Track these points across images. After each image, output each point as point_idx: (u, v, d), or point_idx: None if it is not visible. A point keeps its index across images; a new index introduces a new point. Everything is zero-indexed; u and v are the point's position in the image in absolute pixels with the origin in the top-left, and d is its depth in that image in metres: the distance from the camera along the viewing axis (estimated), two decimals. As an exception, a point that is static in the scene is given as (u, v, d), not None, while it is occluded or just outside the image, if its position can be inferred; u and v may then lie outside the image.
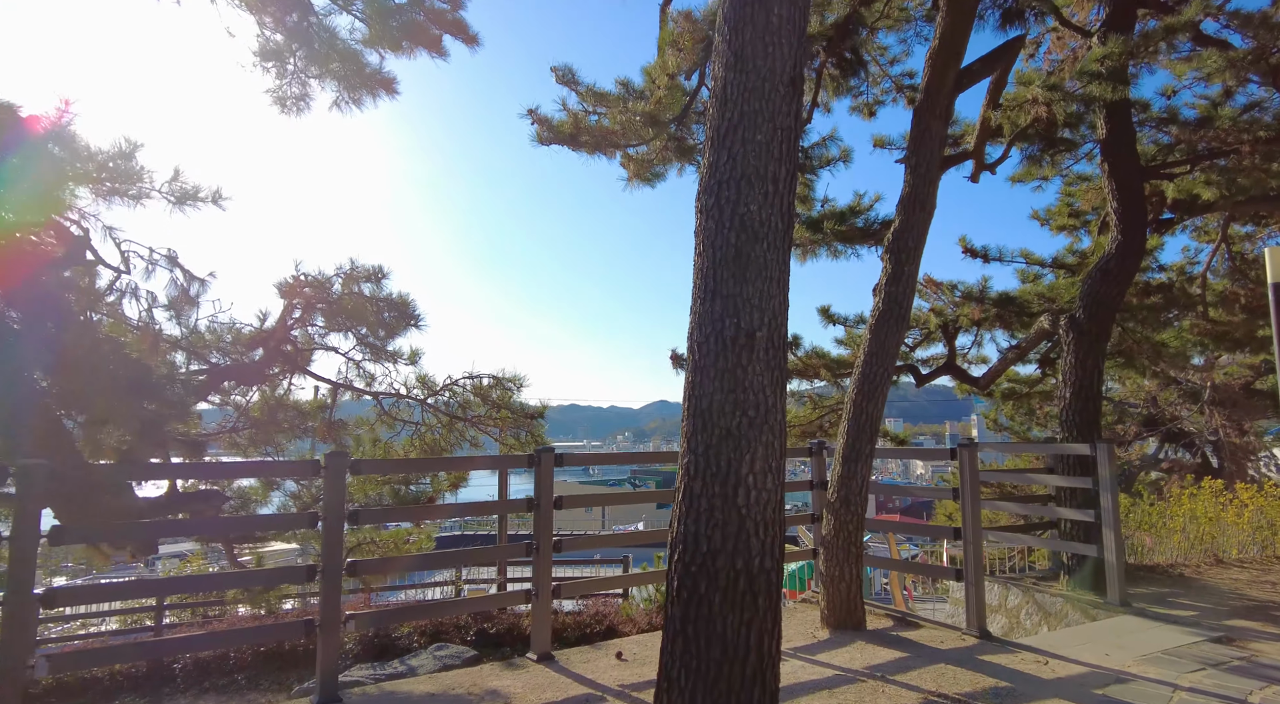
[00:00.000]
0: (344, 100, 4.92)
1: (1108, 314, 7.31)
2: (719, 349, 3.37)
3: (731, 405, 3.34)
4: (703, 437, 3.38)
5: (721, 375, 3.36)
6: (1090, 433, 7.35)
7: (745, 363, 3.34)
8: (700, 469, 3.37)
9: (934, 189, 5.90)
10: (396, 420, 7.34)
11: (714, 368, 3.37)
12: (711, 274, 3.43)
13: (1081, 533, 7.32)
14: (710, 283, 3.43)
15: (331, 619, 4.34)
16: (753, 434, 3.34)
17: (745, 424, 3.33)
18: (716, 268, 3.42)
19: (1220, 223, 12.79)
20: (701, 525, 3.34)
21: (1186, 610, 6.56)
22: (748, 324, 3.36)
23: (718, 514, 3.31)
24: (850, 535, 5.63)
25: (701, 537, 3.33)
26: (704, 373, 3.40)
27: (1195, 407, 16.70)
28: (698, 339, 3.46)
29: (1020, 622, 7.30)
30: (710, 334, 3.41)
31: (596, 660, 5.12)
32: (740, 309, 3.37)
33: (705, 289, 3.46)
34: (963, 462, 5.69)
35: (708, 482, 3.34)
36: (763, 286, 3.39)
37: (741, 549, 3.29)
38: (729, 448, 3.32)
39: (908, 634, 5.65)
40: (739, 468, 3.31)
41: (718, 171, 3.48)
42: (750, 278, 3.38)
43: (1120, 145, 7.24)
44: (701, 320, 3.45)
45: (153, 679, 7.68)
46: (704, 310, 3.44)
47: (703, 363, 3.41)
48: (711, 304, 3.42)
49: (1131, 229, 7.28)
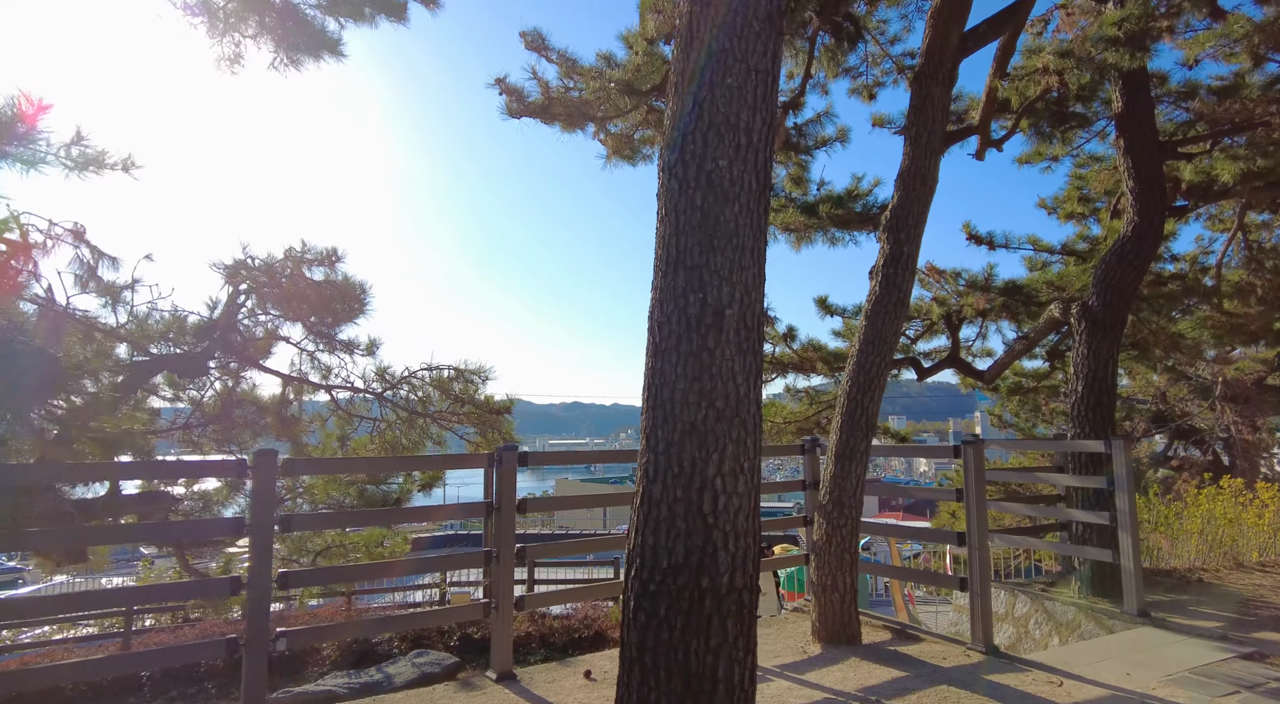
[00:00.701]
0: (282, 61, 4.44)
1: (1123, 302, 6.80)
2: (682, 330, 2.88)
3: (696, 395, 2.84)
4: (663, 432, 2.89)
5: (685, 360, 2.86)
6: (1104, 428, 6.84)
7: (713, 345, 2.84)
8: (660, 470, 2.88)
9: (936, 162, 5.39)
10: (353, 416, 6.85)
11: (676, 352, 2.87)
12: (674, 242, 2.93)
13: (1094, 536, 6.81)
14: (673, 253, 2.93)
15: (258, 637, 3.86)
16: (721, 429, 2.84)
17: (713, 417, 2.84)
18: (680, 235, 2.92)
19: (1236, 210, 12.24)
20: (661, 536, 2.84)
21: (1210, 620, 6.06)
22: (716, 300, 2.86)
23: (680, 523, 2.81)
24: (844, 541, 5.13)
25: (661, 550, 2.84)
26: (665, 358, 2.91)
27: (1206, 403, 16.16)
28: (658, 319, 2.96)
29: (1029, 632, 6.80)
30: (672, 313, 2.91)
31: (563, 680, 4.64)
32: (707, 283, 2.87)
33: (667, 260, 2.96)
34: (967, 460, 5.19)
35: (668, 485, 2.85)
36: (734, 256, 2.89)
37: (708, 565, 2.79)
38: (693, 445, 2.83)
39: (907, 649, 5.15)
40: (705, 469, 2.82)
41: (681, 122, 2.97)
42: (719, 246, 2.88)
43: (1137, 120, 6.71)
44: (663, 297, 2.95)
45: (117, 688, 7.25)
46: (666, 285, 2.95)
47: (664, 346, 2.92)
48: (674, 277, 2.92)
49: (1149, 210, 6.76)
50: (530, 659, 8.12)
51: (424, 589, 14.04)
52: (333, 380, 6.57)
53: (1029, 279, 8.77)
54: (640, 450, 3.01)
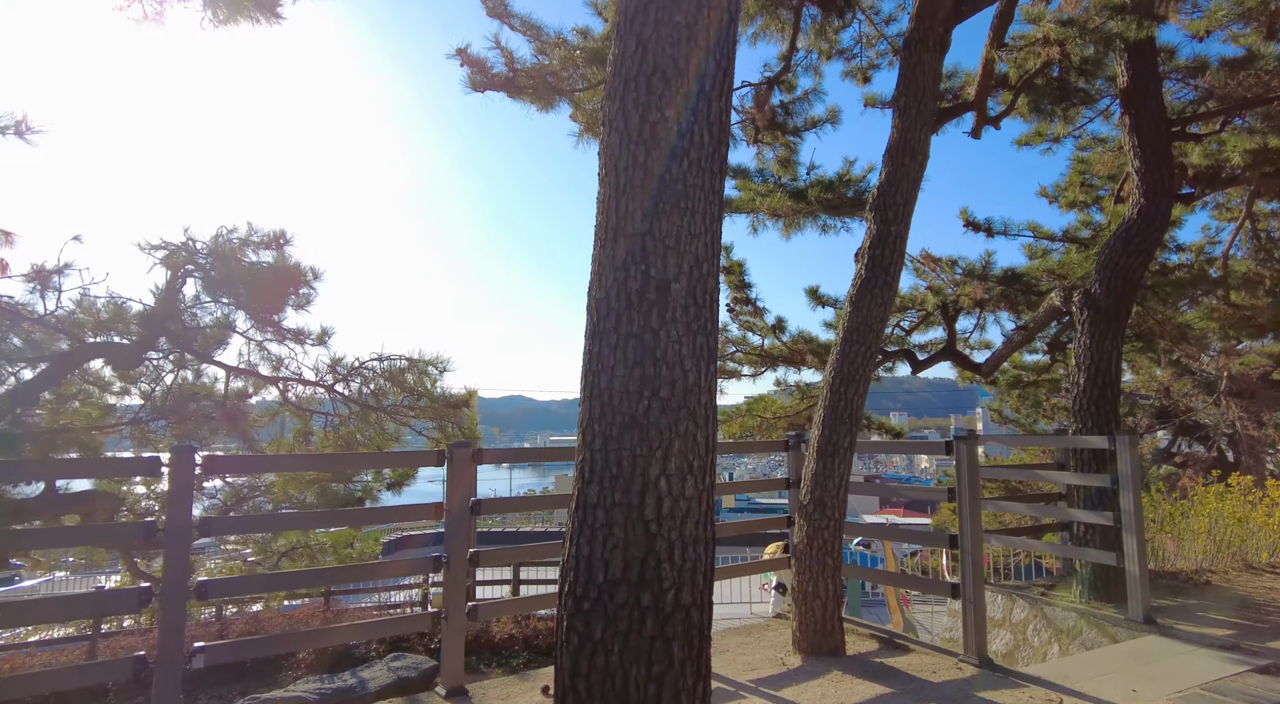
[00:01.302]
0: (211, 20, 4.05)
1: (1128, 289, 6.39)
2: (622, 307, 2.49)
3: (638, 383, 2.45)
4: (600, 426, 2.50)
5: (625, 342, 2.47)
6: (1107, 423, 6.45)
7: (656, 325, 2.45)
8: (596, 471, 2.49)
9: (927, 135, 4.99)
10: (304, 410, 6.45)
11: (615, 333, 2.48)
12: (614, 206, 2.54)
13: (1096, 536, 6.42)
14: (612, 218, 2.54)
15: (172, 653, 3.47)
16: (666, 422, 2.45)
17: (656, 408, 2.44)
18: (620, 197, 2.52)
19: (1244, 199, 11.83)
20: (597, 547, 2.46)
21: (1220, 628, 5.67)
22: (660, 273, 2.46)
23: (618, 531, 2.43)
24: (826, 544, 4.75)
25: (597, 562, 2.45)
26: (603, 340, 2.51)
27: (1210, 398, 15.75)
28: (596, 295, 2.57)
29: (1027, 638, 6.42)
30: (611, 287, 2.52)
31: (518, 697, 4.26)
32: (650, 253, 2.47)
33: (606, 227, 2.57)
34: (960, 457, 4.80)
35: (605, 487, 2.46)
36: (681, 222, 2.50)
37: (649, 579, 2.40)
38: (634, 441, 2.44)
39: (894, 661, 4.77)
40: (647, 468, 2.43)
41: (624, 67, 2.58)
42: (664, 210, 2.49)
43: (1144, 95, 6.30)
44: (601, 269, 2.56)
45: (83, 696, 6.93)
46: (605, 256, 2.55)
47: (601, 326, 2.53)
48: (614, 247, 2.53)
49: (1155, 191, 6.35)
50: (512, 661, 7.76)
51: (405, 590, 13.63)
52: (284, 372, 6.17)
53: (1029, 267, 8.37)
54: (577, 448, 2.62)
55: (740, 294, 9.45)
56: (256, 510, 7.44)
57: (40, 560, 11.74)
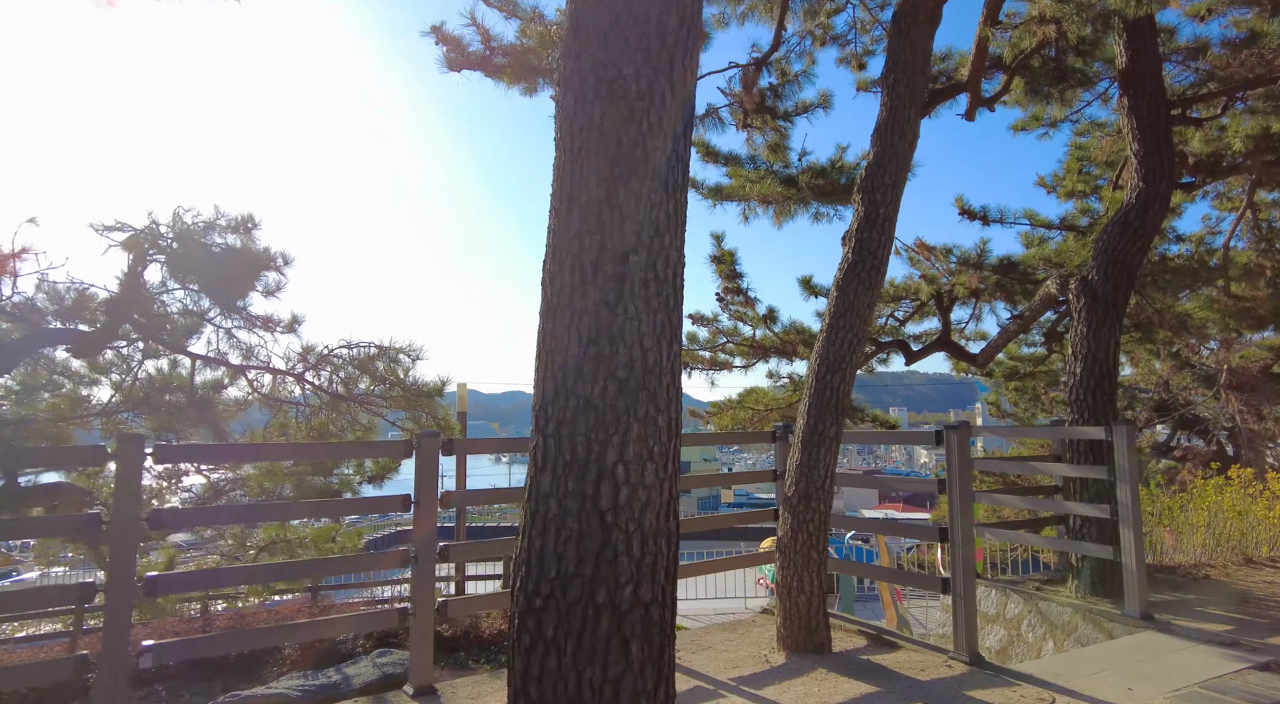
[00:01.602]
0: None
1: (1126, 275, 6.21)
2: (576, 281, 2.30)
3: (593, 363, 2.27)
4: (554, 410, 2.32)
5: (579, 319, 2.29)
6: (1104, 414, 6.27)
7: (613, 300, 2.27)
8: (550, 457, 2.31)
9: (917, 113, 4.80)
10: (274, 400, 6.26)
11: (569, 309, 2.30)
12: (569, 172, 2.36)
13: (1094, 530, 6.25)
14: (567, 185, 2.36)
15: (116, 654, 3.30)
16: (624, 404, 2.27)
17: (613, 390, 2.27)
18: (574, 161, 2.34)
19: (1245, 188, 11.64)
20: (550, 539, 2.28)
21: (1219, 623, 5.50)
22: (618, 244, 2.28)
23: (571, 523, 2.25)
24: (811, 537, 4.57)
25: (549, 555, 2.28)
26: (557, 317, 2.33)
27: (1210, 391, 15.59)
28: (551, 269, 2.39)
29: (1022, 634, 6.26)
30: (566, 260, 2.33)
31: (489, 697, 4.10)
32: (607, 222, 2.29)
33: (561, 195, 2.38)
34: (950, 448, 4.62)
35: (559, 475, 2.28)
36: (641, 188, 2.31)
37: (605, 574, 2.23)
38: (588, 425, 2.26)
39: (881, 658, 4.60)
40: (603, 454, 2.25)
41: (579, 18, 2.39)
42: (622, 176, 2.30)
43: (1143, 76, 6.10)
44: (557, 241, 2.38)
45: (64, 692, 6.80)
46: (560, 226, 2.37)
47: (556, 302, 2.34)
48: (568, 217, 2.34)
49: (1155, 175, 6.16)
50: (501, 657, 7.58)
51: (395, 584, 13.49)
52: (255, 361, 5.98)
53: (1025, 255, 8.18)
54: (531, 433, 2.44)
55: (731, 284, 9.27)
56: (235, 504, 7.26)
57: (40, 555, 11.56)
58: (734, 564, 6.10)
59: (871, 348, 8.81)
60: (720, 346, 9.51)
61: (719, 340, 9.38)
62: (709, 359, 9.68)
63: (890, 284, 9.00)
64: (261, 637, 3.70)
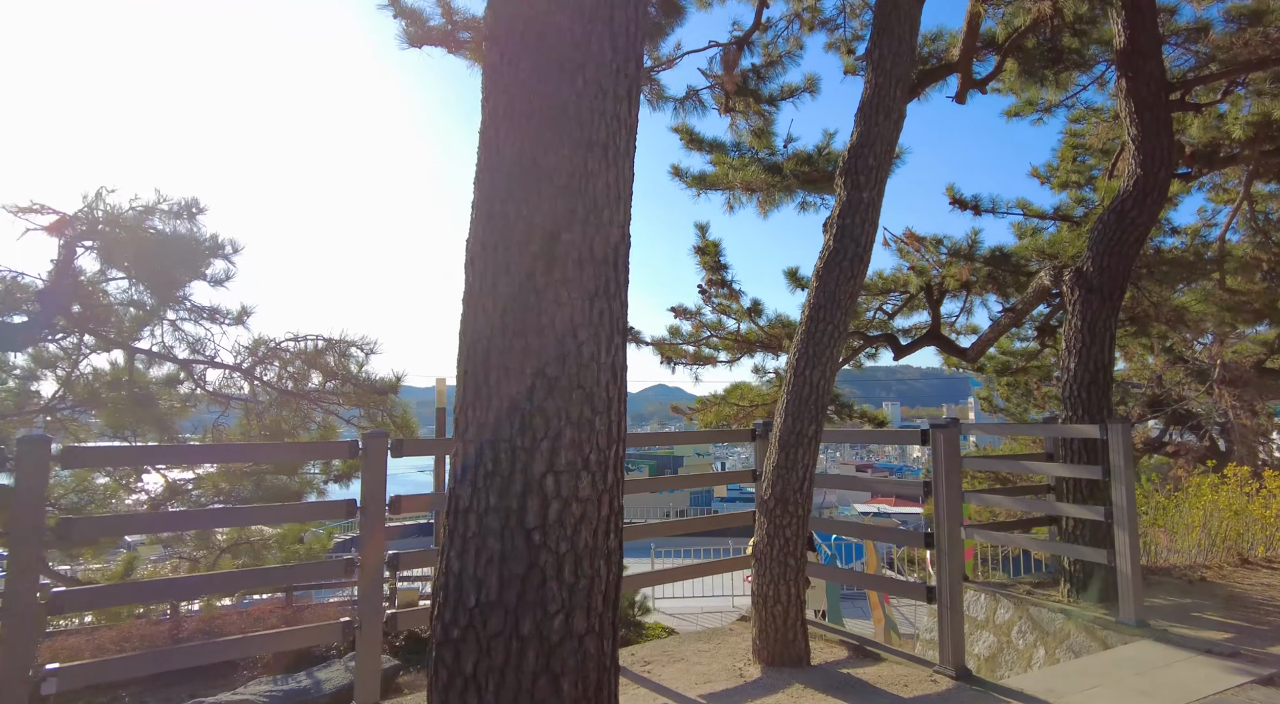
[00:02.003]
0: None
1: (1123, 266, 5.93)
2: (500, 263, 2.00)
3: (519, 358, 1.96)
4: (475, 412, 2.01)
5: (503, 306, 1.98)
6: (1099, 411, 6.00)
7: (541, 285, 1.96)
8: (469, 467, 2.01)
9: (903, 91, 4.49)
10: (222, 396, 5.92)
11: (492, 295, 1.99)
12: (493, 136, 2.04)
13: (1087, 532, 5.99)
14: (490, 152, 2.04)
15: (12, 679, 2.98)
16: (555, 406, 1.96)
17: (542, 390, 1.96)
18: (499, 124, 2.03)
19: (1242, 180, 11.40)
20: (469, 561, 1.98)
21: (1217, 630, 5.25)
22: (546, 219, 1.97)
23: (493, 543, 1.95)
24: (788, 543, 4.29)
25: (468, 580, 1.97)
26: (478, 304, 2.02)
27: (1203, 387, 15.42)
28: (472, 250, 2.08)
29: (1012, 641, 6.00)
30: (488, 238, 2.02)
31: (439, 716, 3.79)
32: (534, 195, 1.98)
33: (485, 165, 2.07)
34: (936, 447, 4.34)
35: (479, 487, 1.98)
36: (575, 155, 2.00)
37: (531, 601, 1.93)
38: (513, 430, 1.95)
39: (862, 672, 4.33)
40: (530, 464, 1.94)
41: (504, -37, 2.07)
42: (553, 141, 1.99)
43: (1142, 56, 5.81)
44: (478, 216, 2.07)
45: None
46: (482, 200, 2.06)
47: (478, 287, 2.03)
48: (490, 189, 2.03)
49: (1153, 161, 5.88)
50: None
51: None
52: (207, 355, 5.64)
53: (1018, 247, 7.90)
54: (452, 439, 2.13)
55: (715, 276, 8.97)
56: (196, 505, 6.94)
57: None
58: (714, 569, 5.82)
59: (859, 342, 8.54)
60: (704, 341, 9.22)
61: (702, 334, 9.09)
62: (693, 354, 9.39)
63: (878, 276, 8.73)
64: (183, 656, 3.37)
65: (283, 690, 7.61)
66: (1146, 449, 16.24)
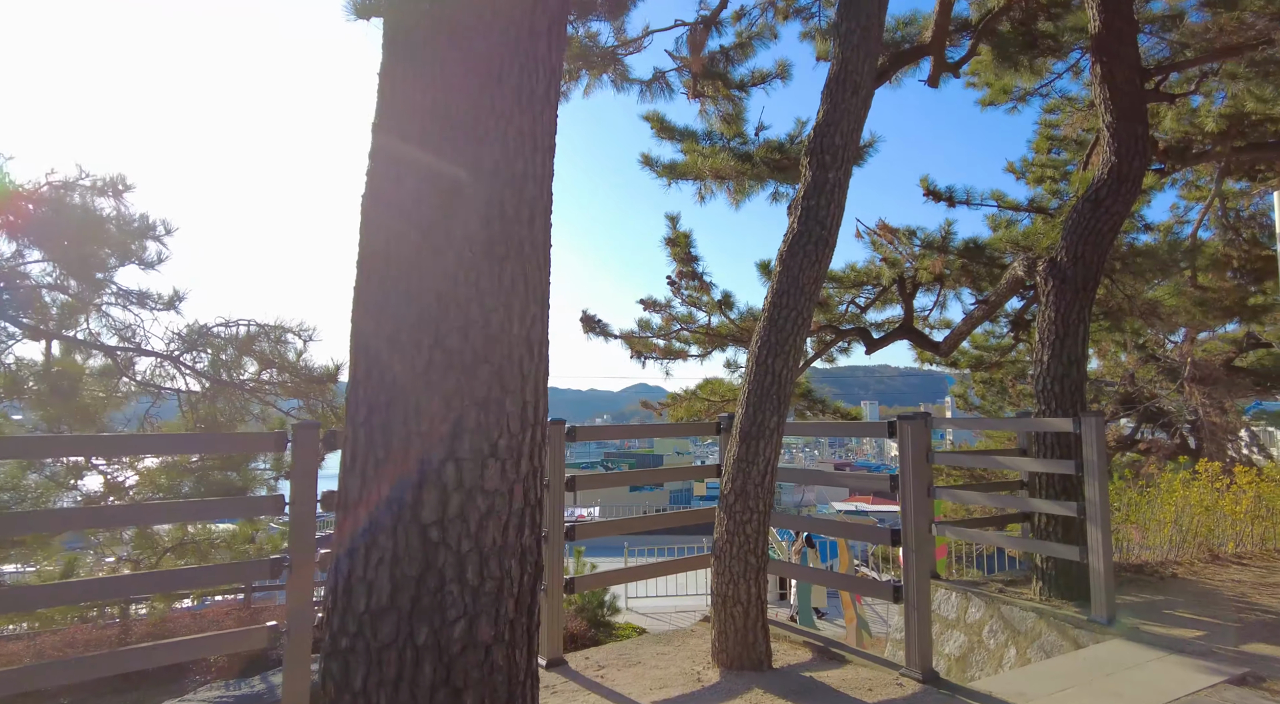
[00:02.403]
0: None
1: (1097, 256, 5.80)
2: (395, 220, 1.74)
3: (414, 328, 1.71)
4: (365, 391, 1.76)
5: (399, 269, 1.73)
6: (1073, 405, 5.87)
7: (441, 244, 1.71)
8: (359, 454, 1.75)
9: (872, 67, 4.29)
10: (153, 387, 5.58)
11: (385, 255, 1.74)
12: (389, 75, 1.79)
13: (1060, 528, 5.85)
14: (387, 93, 1.79)
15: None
16: (455, 383, 1.72)
17: (440, 364, 1.71)
18: (396, 61, 1.77)
19: (1213, 177, 11.43)
20: (358, 562, 1.73)
21: (1189, 628, 5.13)
22: (446, 168, 1.72)
23: (383, 541, 1.70)
24: (749, 540, 4.07)
25: (357, 583, 1.72)
26: (371, 267, 1.77)
27: (1174, 385, 15.51)
28: (366, 206, 1.82)
29: (983, 640, 5.85)
30: (381, 191, 1.77)
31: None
32: (435, 139, 1.73)
33: (382, 108, 1.82)
34: (904, 441, 4.15)
35: (368, 478, 1.73)
36: (480, 97, 1.76)
37: (429, 607, 1.68)
38: (407, 410, 1.70)
39: (826, 675, 4.13)
40: (428, 450, 1.70)
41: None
42: (456, 80, 1.74)
43: (1118, 40, 5.69)
44: (374, 170, 1.81)
45: None
46: (377, 149, 1.81)
47: (370, 248, 1.78)
48: (386, 135, 1.78)
49: (1128, 148, 5.75)
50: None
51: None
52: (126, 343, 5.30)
53: (992, 239, 7.77)
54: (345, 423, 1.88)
55: (686, 268, 8.75)
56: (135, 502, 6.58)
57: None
58: (676, 567, 5.61)
59: (831, 336, 8.37)
60: (675, 334, 9.00)
61: (673, 327, 8.87)
62: (663, 348, 9.17)
63: (851, 269, 8.57)
64: (88, 667, 3.06)
65: (234, 696, 7.28)
66: (1119, 447, 16.33)
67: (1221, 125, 7.32)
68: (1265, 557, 7.96)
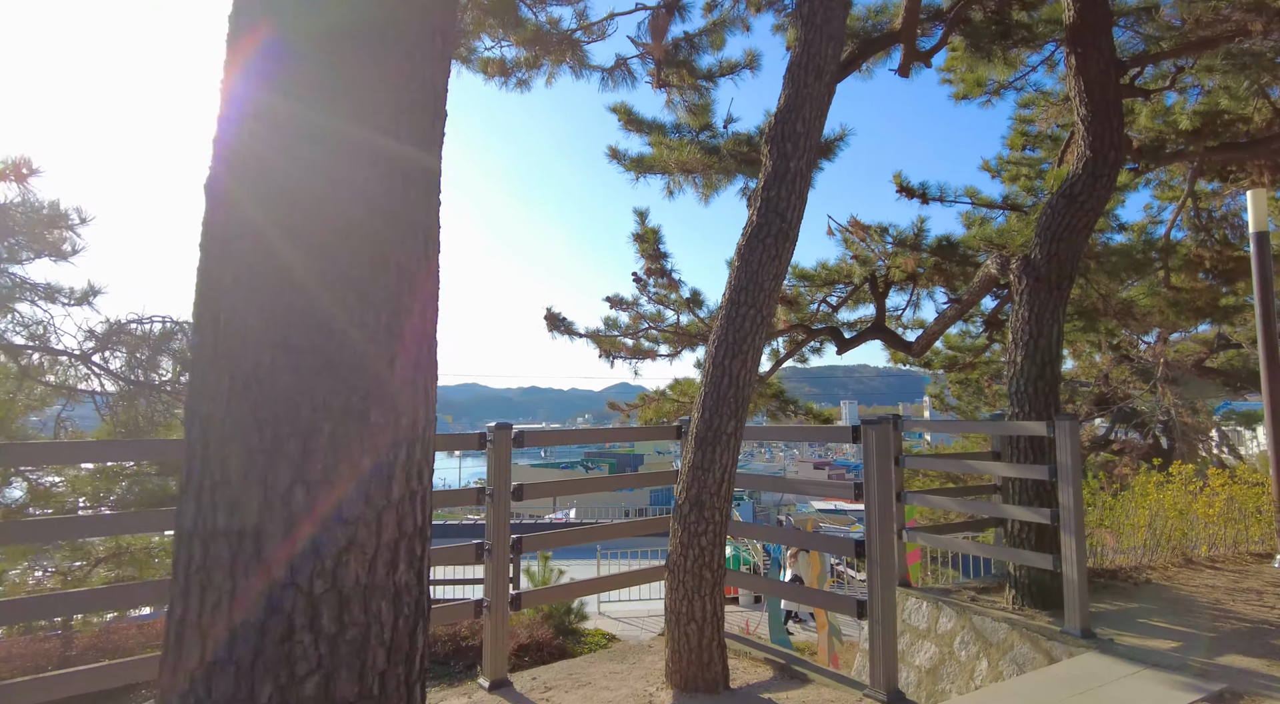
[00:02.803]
0: None
1: (1071, 253, 5.62)
2: (239, 190, 1.44)
3: (258, 323, 1.42)
4: (202, 400, 1.45)
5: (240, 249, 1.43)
6: (1047, 407, 5.68)
7: (297, 220, 1.42)
8: (195, 476, 1.45)
9: (836, 50, 4.05)
10: (65, 387, 5.20)
11: (224, 233, 1.44)
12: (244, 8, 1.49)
13: (1033, 535, 5.66)
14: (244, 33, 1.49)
15: None
16: (306, 388, 1.42)
17: (287, 367, 1.42)
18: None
19: (1186, 177, 11.39)
20: (192, 604, 1.42)
21: (1164, 639, 4.96)
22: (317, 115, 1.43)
23: (220, 579, 1.40)
24: (703, 553, 3.81)
25: (190, 630, 1.42)
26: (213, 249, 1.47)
27: (1147, 385, 15.54)
28: (214, 170, 1.52)
29: (954, 652, 5.64)
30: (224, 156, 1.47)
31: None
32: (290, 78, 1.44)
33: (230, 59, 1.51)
34: (868, 445, 3.91)
35: (204, 503, 1.43)
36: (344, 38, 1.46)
37: (273, 660, 1.39)
38: (248, 422, 1.40)
39: (785, 696, 3.87)
40: (270, 471, 1.40)
41: None
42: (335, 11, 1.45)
43: (1093, 32, 5.51)
44: (221, 133, 1.51)
45: None
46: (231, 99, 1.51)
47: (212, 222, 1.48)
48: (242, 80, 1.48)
49: (1103, 143, 5.58)
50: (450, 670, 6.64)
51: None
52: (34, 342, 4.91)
53: (966, 236, 7.60)
54: (188, 434, 1.57)
55: (655, 265, 8.49)
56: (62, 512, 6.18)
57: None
58: (628, 581, 5.34)
59: (802, 336, 8.15)
60: (643, 332, 8.73)
61: (641, 326, 8.60)
62: (631, 347, 8.89)
63: (822, 267, 8.36)
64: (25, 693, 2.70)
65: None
66: (1093, 447, 16.36)
67: (1195, 122, 7.20)
68: (1238, 560, 7.86)
